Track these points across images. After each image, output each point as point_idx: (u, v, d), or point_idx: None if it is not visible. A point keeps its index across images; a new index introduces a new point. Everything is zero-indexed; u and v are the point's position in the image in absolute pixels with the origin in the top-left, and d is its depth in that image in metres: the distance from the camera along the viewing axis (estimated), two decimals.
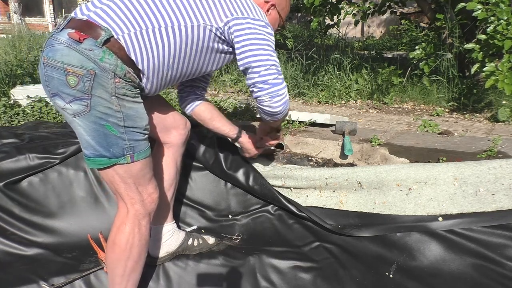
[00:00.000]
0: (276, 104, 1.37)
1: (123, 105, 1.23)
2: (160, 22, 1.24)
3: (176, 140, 1.63)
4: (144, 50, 1.24)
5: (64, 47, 1.16)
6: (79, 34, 1.16)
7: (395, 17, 6.17)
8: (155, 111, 1.53)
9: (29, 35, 7.13)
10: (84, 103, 1.18)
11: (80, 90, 1.17)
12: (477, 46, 2.90)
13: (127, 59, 1.22)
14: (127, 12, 1.22)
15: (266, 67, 1.32)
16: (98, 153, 1.24)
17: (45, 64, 1.18)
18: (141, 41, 1.22)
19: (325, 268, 1.68)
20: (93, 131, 1.21)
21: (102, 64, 1.17)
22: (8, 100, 3.01)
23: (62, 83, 1.17)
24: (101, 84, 1.18)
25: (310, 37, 7.39)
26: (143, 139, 1.31)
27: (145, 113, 1.31)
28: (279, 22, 1.63)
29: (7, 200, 1.85)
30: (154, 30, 1.23)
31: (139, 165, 1.31)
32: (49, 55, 1.17)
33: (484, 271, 1.60)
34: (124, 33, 1.20)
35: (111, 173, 1.29)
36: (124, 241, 1.35)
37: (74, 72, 1.15)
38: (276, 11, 1.58)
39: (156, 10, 1.25)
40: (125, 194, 1.33)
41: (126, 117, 1.24)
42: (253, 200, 2.01)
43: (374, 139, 2.21)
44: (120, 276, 1.39)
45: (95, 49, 1.17)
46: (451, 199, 1.72)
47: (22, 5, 13.46)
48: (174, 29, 1.26)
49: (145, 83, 1.31)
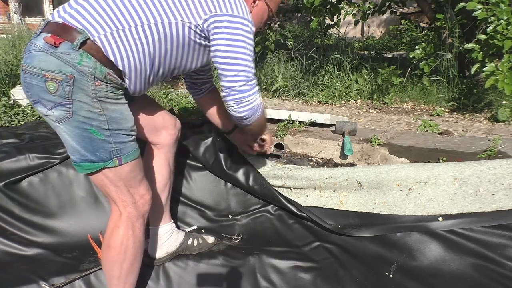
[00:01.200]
0: (241, 109, 1.34)
1: (105, 107, 1.20)
2: (136, 20, 1.20)
3: (166, 141, 1.61)
4: (122, 50, 1.20)
5: (41, 52, 1.14)
6: (55, 38, 1.13)
7: (395, 17, 6.17)
8: (143, 112, 1.51)
9: (29, 35, 7.12)
10: (65, 108, 1.16)
11: (61, 96, 1.14)
12: (477, 46, 2.90)
13: (106, 61, 1.18)
14: (102, 12, 1.19)
15: (234, 72, 1.29)
16: (85, 158, 1.23)
17: (24, 71, 1.16)
18: (118, 41, 1.19)
19: (325, 268, 1.68)
20: (78, 136, 1.20)
21: (80, 68, 1.15)
22: (8, 100, 3.01)
23: (41, 90, 1.15)
24: (81, 88, 1.16)
25: (310, 37, 7.38)
26: (130, 140, 1.29)
27: (130, 114, 1.28)
28: (268, 13, 1.54)
29: (7, 200, 1.85)
30: (130, 29, 1.20)
31: (128, 167, 1.29)
32: (27, 61, 1.15)
33: (484, 271, 1.60)
34: (100, 34, 1.17)
35: (100, 177, 1.28)
36: (119, 243, 1.34)
37: (53, 78, 1.13)
38: (263, 2, 1.50)
39: (132, 8, 1.20)
40: (117, 197, 1.32)
41: (110, 119, 1.22)
42: (253, 200, 2.01)
43: (374, 139, 2.21)
44: (116, 278, 1.39)
45: (72, 53, 1.14)
46: (451, 199, 1.72)
47: (22, 5, 13.46)
48: (150, 27, 1.22)
49: (128, 84, 1.27)
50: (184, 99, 3.19)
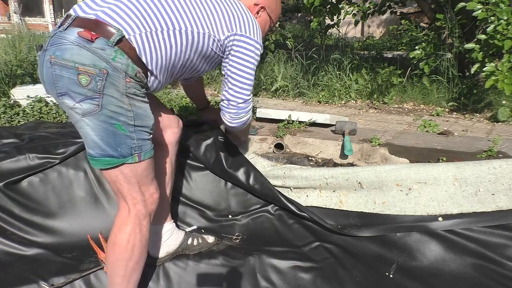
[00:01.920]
0: (234, 121, 1.54)
1: (133, 104, 1.24)
2: (169, 24, 1.27)
3: (170, 139, 1.64)
4: (153, 51, 1.26)
5: (74, 46, 1.16)
6: (90, 33, 1.16)
7: (395, 17, 6.17)
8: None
9: (29, 35, 7.13)
10: (95, 102, 1.18)
11: (92, 89, 1.17)
12: (477, 46, 2.91)
13: (137, 59, 1.23)
14: (137, 12, 1.23)
15: (239, 89, 1.47)
16: (105, 153, 1.24)
17: (53, 63, 1.17)
18: (151, 42, 1.24)
19: (325, 268, 1.68)
20: (102, 131, 1.21)
21: (114, 64, 1.18)
22: (8, 100, 3.01)
23: (72, 82, 1.16)
24: (113, 84, 1.19)
25: (310, 37, 7.38)
26: (149, 138, 1.33)
27: (151, 112, 1.32)
28: (269, 24, 1.68)
29: (7, 200, 1.85)
30: (162, 31, 1.25)
31: (145, 165, 1.32)
32: (56, 53, 1.16)
33: (484, 271, 1.60)
34: (135, 34, 1.21)
35: (115, 173, 1.29)
36: (125, 241, 1.35)
37: (86, 71, 1.15)
38: (266, 13, 1.64)
39: (165, 12, 1.27)
40: (128, 194, 1.33)
41: (136, 116, 1.25)
42: (253, 200, 2.01)
43: (374, 139, 2.21)
44: (121, 277, 1.39)
45: (107, 49, 1.17)
46: (451, 199, 1.72)
47: (22, 5, 13.46)
48: (181, 32, 1.30)
49: (151, 82, 1.33)
50: (184, 99, 3.19)
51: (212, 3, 1.39)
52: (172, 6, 1.29)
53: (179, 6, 1.30)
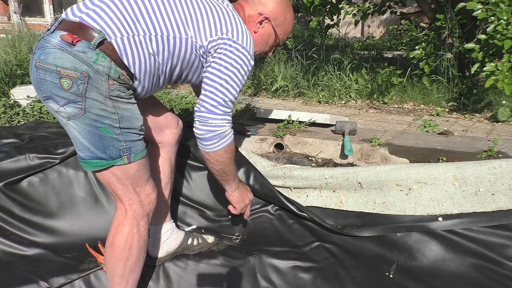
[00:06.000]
0: (201, 127, 1.32)
1: (117, 106, 1.23)
2: (151, 29, 1.24)
3: (169, 139, 1.63)
4: (136, 55, 1.23)
5: (56, 49, 1.15)
6: (72, 36, 1.15)
7: (395, 17, 6.17)
8: (147, 111, 1.52)
9: (29, 35, 7.13)
10: (78, 105, 1.18)
11: (74, 93, 1.16)
12: (477, 46, 2.91)
13: (120, 62, 1.21)
14: (120, 16, 1.21)
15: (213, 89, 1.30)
16: (94, 155, 1.24)
17: (37, 67, 1.17)
18: (133, 45, 1.22)
19: (325, 268, 1.68)
20: (88, 134, 1.21)
21: (96, 67, 1.17)
22: (8, 100, 3.01)
23: (55, 86, 1.16)
24: (95, 87, 1.18)
25: (310, 37, 7.38)
26: (139, 139, 1.31)
27: (139, 113, 1.31)
28: (274, 39, 1.53)
29: (7, 200, 1.85)
30: (145, 36, 1.23)
31: (136, 166, 1.31)
32: (41, 57, 1.16)
33: (484, 271, 1.60)
34: (117, 37, 1.19)
35: (107, 174, 1.29)
36: (123, 242, 1.35)
37: (68, 75, 1.15)
38: (270, 26, 1.49)
39: (148, 17, 1.24)
40: (123, 195, 1.33)
41: (121, 118, 1.24)
42: (253, 200, 1.99)
43: (374, 139, 2.21)
44: (119, 277, 1.39)
45: (89, 52, 1.16)
46: (451, 199, 1.72)
47: (22, 5, 13.47)
48: (163, 38, 1.25)
49: (137, 86, 1.30)
50: (184, 99, 3.19)
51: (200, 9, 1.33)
52: (157, 11, 1.25)
53: (163, 11, 1.26)
